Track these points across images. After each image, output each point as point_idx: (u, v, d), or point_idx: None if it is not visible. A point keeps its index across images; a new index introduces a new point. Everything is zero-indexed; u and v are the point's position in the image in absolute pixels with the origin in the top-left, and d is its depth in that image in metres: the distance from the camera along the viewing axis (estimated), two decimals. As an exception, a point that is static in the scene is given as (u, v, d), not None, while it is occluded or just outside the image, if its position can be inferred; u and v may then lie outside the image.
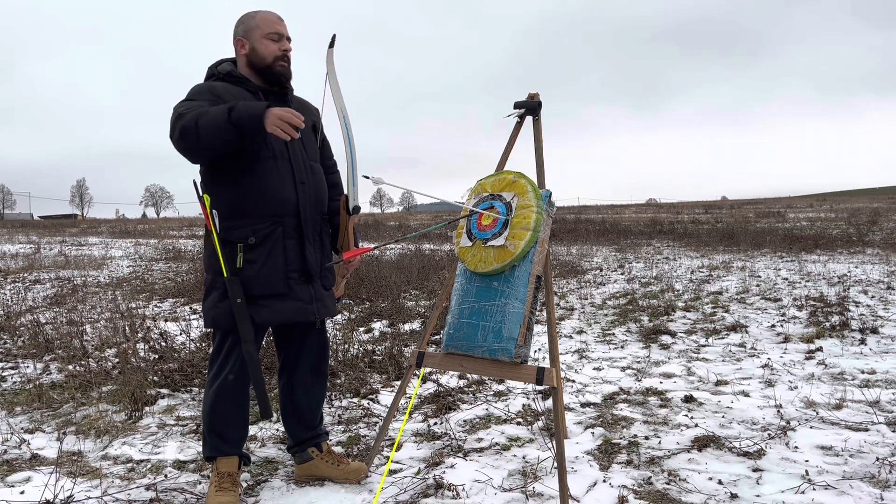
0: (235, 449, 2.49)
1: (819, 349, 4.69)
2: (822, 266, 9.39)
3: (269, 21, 2.44)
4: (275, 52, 2.43)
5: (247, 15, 2.49)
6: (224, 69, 2.46)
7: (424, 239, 15.75)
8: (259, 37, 2.42)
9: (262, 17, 2.45)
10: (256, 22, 2.44)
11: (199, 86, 2.40)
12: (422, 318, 5.99)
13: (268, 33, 2.43)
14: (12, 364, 4.58)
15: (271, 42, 2.43)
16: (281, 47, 2.44)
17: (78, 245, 17.98)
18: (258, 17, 2.45)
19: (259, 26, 2.43)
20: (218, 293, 2.36)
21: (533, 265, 2.49)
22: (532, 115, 2.82)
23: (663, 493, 2.49)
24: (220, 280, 2.34)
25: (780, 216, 25.45)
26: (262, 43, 2.43)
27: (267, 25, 2.43)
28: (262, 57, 2.43)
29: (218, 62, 2.53)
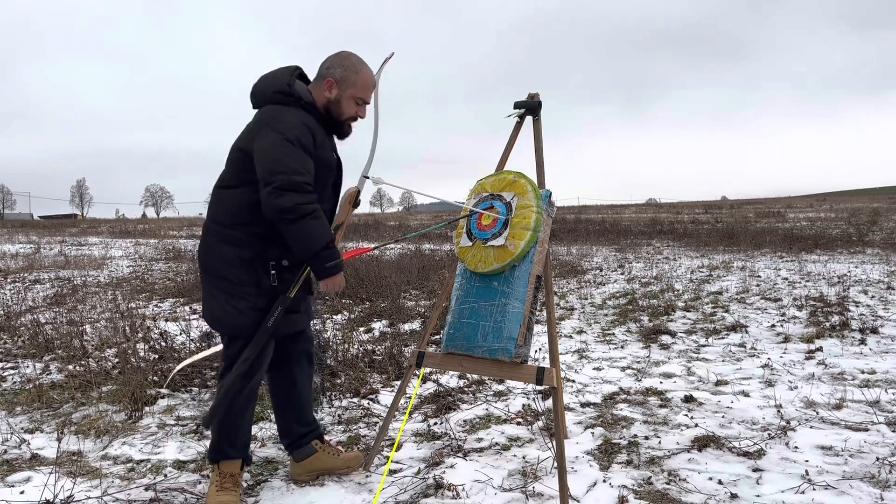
0: (242, 452, 2.50)
1: (819, 349, 4.69)
2: (822, 266, 9.40)
3: (367, 87, 2.45)
4: (351, 114, 2.47)
5: (351, 63, 2.44)
6: (304, 95, 2.41)
7: (424, 239, 15.75)
8: (350, 95, 2.43)
9: (363, 78, 2.44)
10: (356, 80, 2.43)
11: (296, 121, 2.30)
12: (422, 318, 5.99)
13: (358, 97, 2.45)
14: (12, 364, 4.58)
15: (355, 104, 2.46)
16: (359, 112, 2.48)
17: (78, 245, 17.98)
18: (359, 77, 2.43)
19: (356, 86, 2.43)
20: (247, 303, 2.34)
21: (533, 265, 2.49)
22: (532, 114, 2.82)
23: (663, 493, 2.49)
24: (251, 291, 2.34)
25: (780, 216, 25.45)
26: (349, 102, 2.44)
27: (362, 90, 2.45)
28: (340, 113, 2.45)
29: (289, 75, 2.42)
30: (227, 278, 2.35)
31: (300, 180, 2.22)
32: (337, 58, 2.46)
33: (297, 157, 2.25)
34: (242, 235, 2.34)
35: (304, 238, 2.24)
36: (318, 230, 2.25)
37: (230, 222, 2.36)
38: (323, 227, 2.27)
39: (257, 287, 2.35)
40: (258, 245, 2.35)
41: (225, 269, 2.35)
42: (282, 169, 2.20)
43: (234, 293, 2.35)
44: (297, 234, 2.23)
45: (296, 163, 2.23)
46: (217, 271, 2.37)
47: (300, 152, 2.26)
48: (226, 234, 2.36)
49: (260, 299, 2.36)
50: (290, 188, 2.19)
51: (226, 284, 2.36)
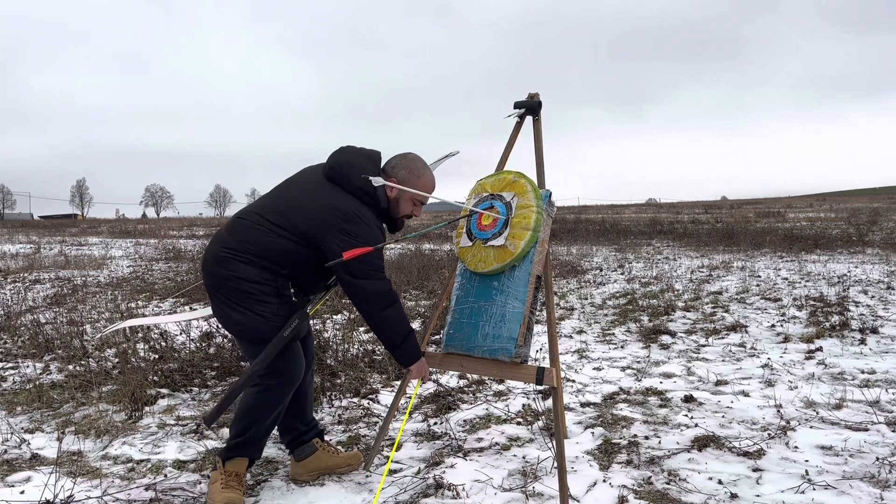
0: (255, 455, 2.53)
1: (819, 349, 4.69)
2: (822, 266, 9.39)
3: (427, 190, 2.54)
4: (407, 213, 2.56)
5: (415, 166, 2.52)
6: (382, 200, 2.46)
7: (424, 239, 15.75)
8: (409, 197, 2.52)
9: (424, 184, 2.53)
10: (416, 184, 2.51)
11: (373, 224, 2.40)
12: (422, 318, 5.99)
13: (416, 199, 2.54)
14: (12, 364, 4.58)
15: (413, 205, 2.55)
16: (415, 212, 2.58)
17: (78, 245, 17.99)
18: (421, 182, 2.52)
19: (416, 188, 2.50)
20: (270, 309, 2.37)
21: (533, 265, 2.49)
22: (532, 114, 2.82)
23: (663, 493, 2.49)
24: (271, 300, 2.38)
25: (780, 216, 25.45)
26: (408, 203, 2.53)
27: (423, 193, 2.53)
28: (399, 212, 2.55)
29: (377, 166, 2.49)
30: (245, 290, 2.37)
31: (379, 275, 2.39)
32: (403, 159, 2.54)
33: (378, 257, 2.40)
34: (269, 266, 2.39)
35: (394, 325, 2.42)
36: (404, 318, 2.45)
37: (264, 255, 2.38)
38: (405, 315, 2.45)
39: (278, 297, 2.41)
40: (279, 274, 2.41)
41: (243, 283, 2.37)
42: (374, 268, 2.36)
43: (253, 301, 2.37)
44: (386, 320, 2.40)
45: (376, 260, 2.38)
46: (231, 284, 2.37)
47: (379, 256, 2.41)
48: (251, 259, 2.38)
49: (282, 307, 2.41)
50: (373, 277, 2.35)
51: (243, 295, 2.37)
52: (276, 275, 2.40)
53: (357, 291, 2.36)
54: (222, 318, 2.44)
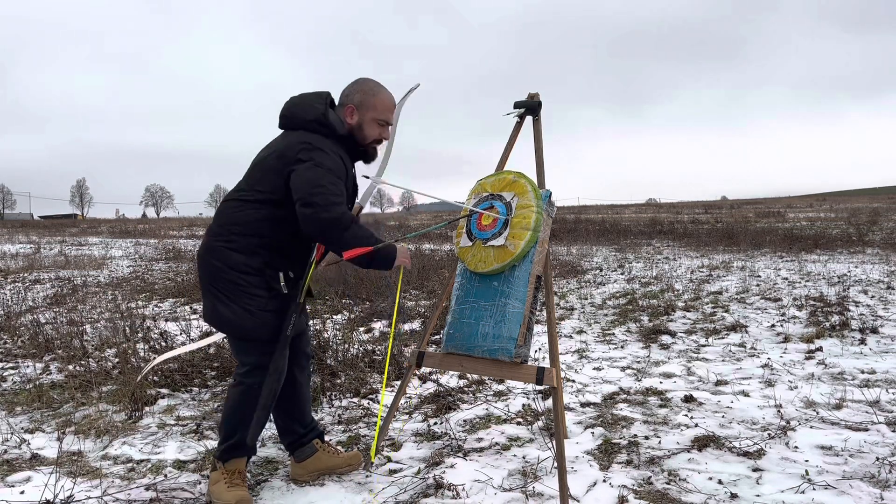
0: (251, 451, 2.53)
1: (819, 349, 4.69)
2: (822, 266, 9.39)
3: (386, 108, 2.49)
4: (375, 136, 2.50)
5: (368, 87, 2.49)
6: (340, 129, 2.44)
7: (424, 239, 15.75)
8: (371, 119, 2.47)
9: (382, 100, 2.48)
10: (374, 103, 2.47)
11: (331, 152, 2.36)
12: (422, 318, 5.99)
13: (380, 119, 2.49)
14: (12, 364, 4.58)
15: (378, 127, 2.50)
16: (382, 133, 2.52)
17: (78, 245, 17.98)
18: (378, 99, 2.47)
19: (376, 108, 2.46)
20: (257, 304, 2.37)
21: (533, 265, 2.49)
22: (532, 114, 2.82)
23: (663, 493, 2.49)
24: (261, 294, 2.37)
25: (780, 216, 25.45)
26: (371, 125, 2.48)
27: (383, 111, 2.48)
28: (364, 137, 2.49)
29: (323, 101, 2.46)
30: (235, 282, 2.37)
31: (338, 200, 2.30)
32: (355, 84, 2.51)
33: (335, 182, 2.32)
34: (254, 245, 2.37)
35: (361, 241, 2.32)
36: (366, 232, 2.35)
37: (247, 232, 2.38)
38: (366, 229, 2.36)
39: (268, 290, 2.39)
40: (268, 255, 2.39)
41: (232, 274, 2.37)
42: (322, 191, 2.27)
43: (242, 294, 2.37)
44: (355, 239, 2.31)
45: (334, 187, 2.31)
46: (223, 275, 2.38)
47: (337, 180, 2.33)
48: (237, 241, 2.38)
49: (271, 301, 2.39)
50: (331, 204, 2.26)
51: (233, 287, 2.37)
52: (265, 263, 2.38)
53: (316, 222, 2.27)
54: (211, 314, 2.43)
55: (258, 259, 2.38)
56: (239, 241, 2.38)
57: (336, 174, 2.34)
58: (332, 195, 2.28)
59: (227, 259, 2.38)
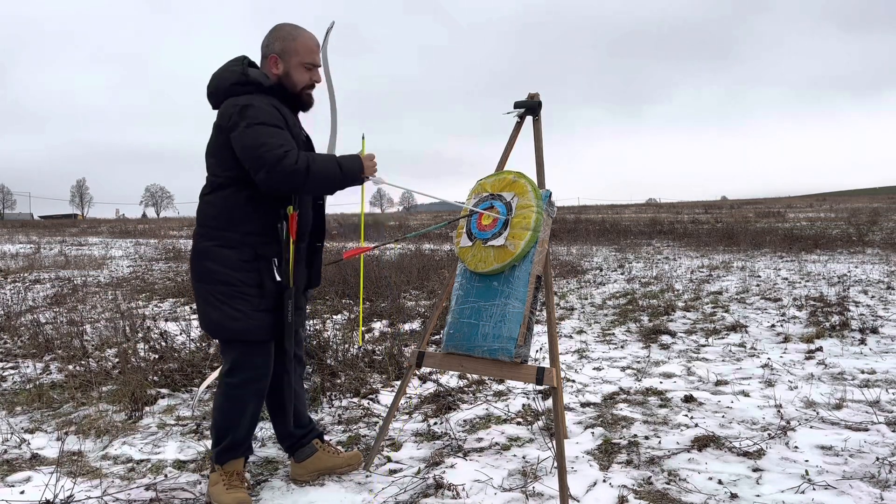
0: (246, 451, 2.53)
1: (819, 349, 4.69)
2: (822, 266, 9.39)
3: (309, 49, 2.40)
4: (306, 82, 2.42)
5: (287, 32, 2.40)
6: (262, 80, 2.37)
7: (424, 239, 15.75)
8: (296, 63, 2.39)
9: (304, 43, 2.39)
10: (296, 46, 2.38)
11: (261, 104, 2.29)
12: (422, 318, 5.99)
13: (305, 62, 2.40)
14: (12, 364, 4.58)
15: (305, 71, 2.40)
16: (313, 77, 2.43)
17: (78, 245, 17.98)
18: (299, 43, 2.38)
19: (298, 52, 2.38)
20: (248, 305, 2.32)
21: (533, 265, 2.49)
22: (532, 114, 2.82)
23: (663, 493, 2.49)
24: (251, 292, 2.33)
25: (780, 216, 25.45)
26: (298, 70, 2.39)
27: (306, 53, 2.39)
28: (294, 84, 2.41)
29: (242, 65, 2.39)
30: (228, 282, 2.32)
31: (285, 149, 2.21)
32: (272, 33, 2.43)
33: (275, 133, 2.24)
34: (237, 236, 2.33)
35: (325, 178, 2.25)
36: (326, 162, 2.26)
37: (223, 225, 2.33)
38: (326, 157, 2.28)
39: (259, 288, 2.34)
40: (255, 244, 2.34)
41: (225, 273, 2.32)
42: (265, 148, 2.19)
43: (234, 296, 2.32)
44: (317, 180, 2.22)
45: (277, 137, 2.22)
46: (216, 276, 2.33)
47: (276, 130, 2.25)
48: (221, 237, 2.33)
49: (263, 300, 2.35)
50: (280, 157, 2.18)
51: (225, 288, 2.32)
52: (256, 254, 2.33)
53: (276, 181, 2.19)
54: (201, 318, 2.40)
55: (248, 252, 2.33)
56: (222, 236, 2.33)
57: (274, 123, 2.25)
58: (277, 147, 2.19)
59: (218, 257, 2.33)
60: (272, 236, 2.36)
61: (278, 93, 2.40)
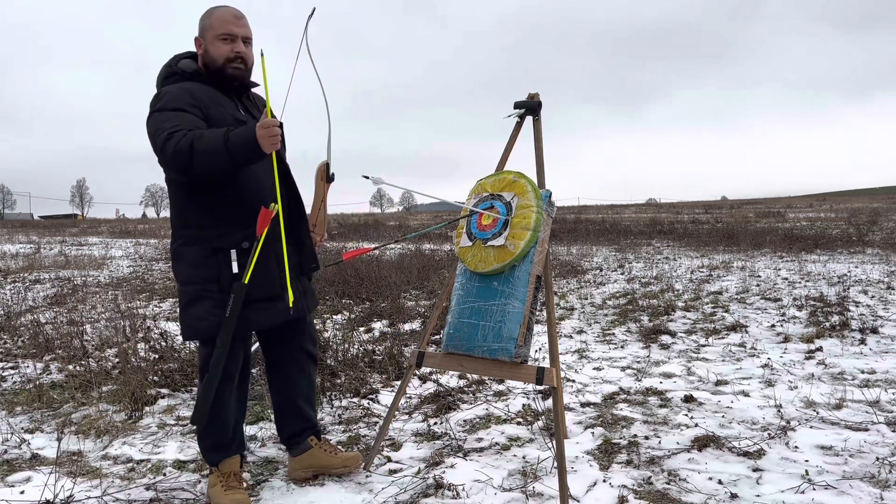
0: (238, 449, 2.52)
1: (819, 349, 4.69)
2: (822, 266, 9.39)
3: (223, 20, 2.32)
4: (226, 54, 2.33)
5: (205, 12, 2.37)
6: (188, 67, 2.36)
7: (424, 239, 15.75)
8: (212, 38, 2.32)
9: (217, 15, 2.33)
10: (211, 22, 2.33)
11: (171, 89, 2.27)
12: (422, 318, 5.99)
13: (220, 34, 2.32)
14: (12, 364, 4.58)
15: (223, 43, 2.33)
16: (234, 49, 2.33)
17: (78, 245, 17.98)
18: (213, 17, 2.34)
19: (213, 27, 2.32)
20: (210, 302, 2.30)
21: (533, 265, 2.49)
22: (532, 115, 2.82)
23: (663, 493, 2.49)
24: (212, 288, 2.29)
25: (780, 216, 25.45)
26: (214, 44, 2.33)
27: (220, 25, 2.32)
28: (213, 59, 2.34)
29: (176, 59, 2.39)
30: (192, 281, 2.32)
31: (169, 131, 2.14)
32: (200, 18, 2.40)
33: (170, 117, 2.19)
34: (193, 232, 2.32)
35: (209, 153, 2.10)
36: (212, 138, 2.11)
37: (180, 223, 2.35)
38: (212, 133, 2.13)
39: (217, 283, 2.31)
40: (210, 238, 2.31)
41: (192, 272, 2.32)
42: (156, 133, 2.18)
43: (200, 296, 2.31)
44: (202, 158, 2.10)
45: (167, 121, 2.18)
46: (186, 277, 2.34)
47: (172, 114, 2.20)
48: (181, 236, 2.35)
49: (222, 295, 2.30)
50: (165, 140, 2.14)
51: (190, 288, 2.32)
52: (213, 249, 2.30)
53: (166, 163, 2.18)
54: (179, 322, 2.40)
55: (206, 246, 2.30)
56: (184, 234, 2.34)
57: (173, 108, 2.21)
58: (163, 130, 2.14)
59: (185, 258, 2.33)
60: (228, 226, 2.31)
61: (206, 77, 2.36)
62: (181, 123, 2.18)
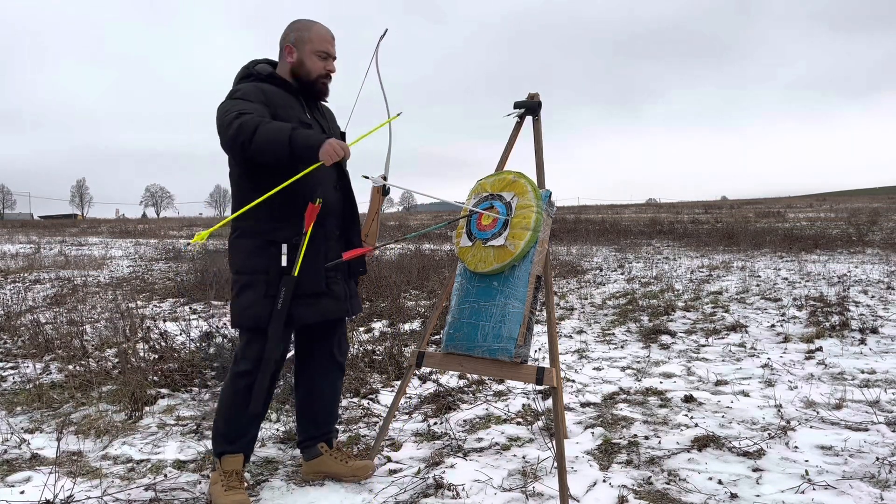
0: (244, 447, 2.51)
1: (819, 349, 4.69)
2: (822, 266, 9.39)
3: (323, 39, 2.49)
4: (320, 70, 2.49)
5: (302, 24, 2.51)
6: (264, 71, 2.48)
7: (424, 239, 15.75)
8: (309, 51, 2.47)
9: (318, 32, 2.49)
10: (310, 36, 2.47)
11: (247, 87, 2.40)
12: (422, 318, 5.99)
13: (318, 50, 2.48)
14: (12, 364, 4.58)
15: (319, 59, 2.48)
16: (326, 66, 2.51)
17: (78, 245, 17.99)
18: (313, 32, 2.48)
19: (312, 41, 2.47)
20: (257, 292, 2.36)
21: (533, 265, 2.49)
22: (532, 115, 2.82)
23: (663, 493, 2.49)
24: (261, 279, 2.36)
25: (780, 216, 25.45)
26: (311, 58, 2.48)
27: (319, 43, 2.48)
28: (308, 72, 2.49)
29: (253, 63, 2.54)
30: (243, 271, 2.40)
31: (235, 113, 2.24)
32: (289, 26, 2.53)
33: (238, 104, 2.30)
34: (251, 224, 2.40)
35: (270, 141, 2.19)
36: (277, 125, 2.22)
37: (240, 216, 2.41)
38: (280, 125, 2.23)
39: (266, 274, 2.38)
40: (266, 231, 2.39)
41: (244, 261, 2.40)
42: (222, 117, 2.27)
43: (248, 284, 2.38)
44: (262, 145, 2.19)
45: (236, 107, 2.29)
46: (239, 267, 2.42)
47: (241, 101, 2.32)
48: (239, 228, 2.44)
49: (270, 287, 2.37)
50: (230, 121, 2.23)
51: (241, 277, 2.41)
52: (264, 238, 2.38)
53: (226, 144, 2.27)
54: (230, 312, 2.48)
55: (261, 239, 2.39)
56: (241, 226, 2.42)
57: (242, 97, 2.33)
58: (230, 113, 2.25)
59: (239, 248, 2.42)
60: (283, 221, 2.39)
61: (280, 81, 2.48)
62: (252, 110, 2.29)
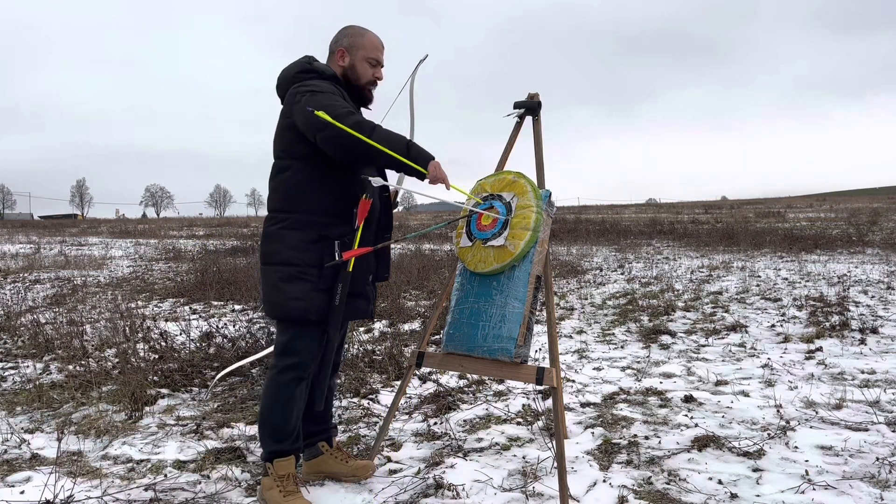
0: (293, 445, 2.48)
1: (819, 349, 4.69)
2: (822, 266, 9.39)
3: (375, 47, 2.54)
4: (369, 77, 2.55)
5: (356, 30, 2.55)
6: (328, 70, 2.49)
7: (424, 239, 15.75)
8: (361, 57, 2.52)
9: (370, 39, 2.54)
10: (363, 42, 2.53)
11: (327, 84, 2.40)
12: (422, 318, 5.99)
13: (370, 57, 2.53)
14: (12, 364, 4.58)
15: (369, 66, 2.54)
16: (375, 73, 2.56)
17: (78, 245, 17.99)
18: (366, 39, 2.54)
19: (364, 47, 2.52)
20: (309, 286, 2.35)
21: (533, 265, 2.49)
22: (532, 115, 2.82)
23: (663, 493, 2.49)
24: (313, 273, 2.35)
25: (780, 216, 25.45)
26: (363, 64, 2.53)
27: (372, 50, 2.53)
28: (358, 77, 2.53)
29: (309, 58, 2.54)
30: (290, 262, 2.36)
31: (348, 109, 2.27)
32: (342, 31, 2.57)
33: (339, 100, 2.33)
34: (303, 217, 2.38)
35: (390, 140, 2.24)
36: (396, 134, 2.28)
37: (290, 207, 2.39)
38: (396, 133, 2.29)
39: (319, 268, 2.37)
40: (320, 225, 2.38)
41: (289, 254, 2.37)
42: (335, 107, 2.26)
43: (295, 276, 2.35)
44: (381, 142, 2.22)
45: (338, 102, 2.31)
46: (280, 257, 2.37)
47: (339, 98, 2.35)
48: (287, 219, 2.39)
49: (322, 280, 2.37)
50: (342, 115, 2.23)
51: (287, 269, 2.36)
52: (320, 236, 2.37)
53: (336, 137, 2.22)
54: (263, 299, 2.46)
55: (312, 232, 2.37)
56: (289, 218, 2.39)
57: (334, 92, 2.35)
58: (340, 107, 2.26)
59: (282, 239, 2.38)
60: (337, 217, 2.41)
61: (343, 84, 2.52)
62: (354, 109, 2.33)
